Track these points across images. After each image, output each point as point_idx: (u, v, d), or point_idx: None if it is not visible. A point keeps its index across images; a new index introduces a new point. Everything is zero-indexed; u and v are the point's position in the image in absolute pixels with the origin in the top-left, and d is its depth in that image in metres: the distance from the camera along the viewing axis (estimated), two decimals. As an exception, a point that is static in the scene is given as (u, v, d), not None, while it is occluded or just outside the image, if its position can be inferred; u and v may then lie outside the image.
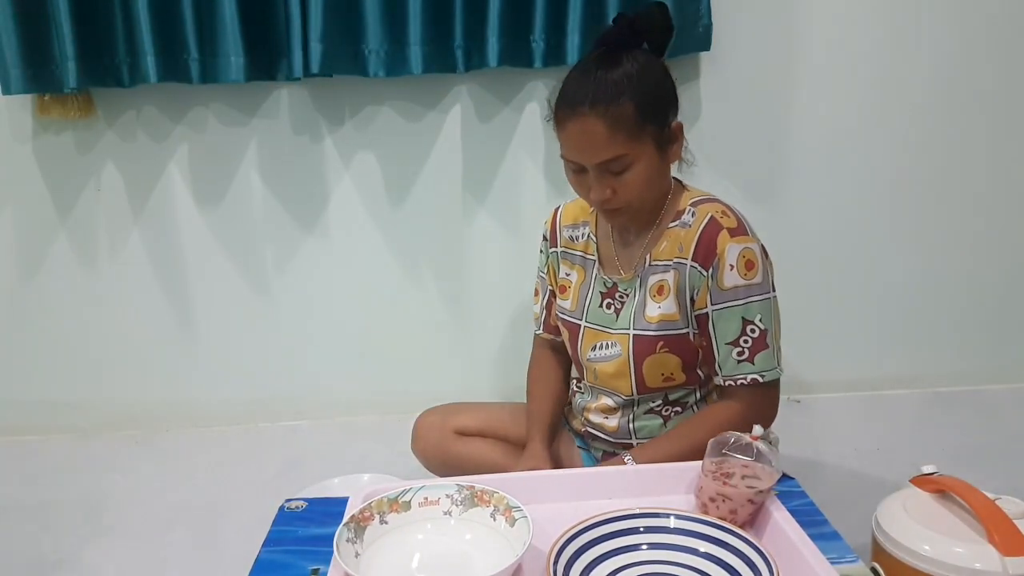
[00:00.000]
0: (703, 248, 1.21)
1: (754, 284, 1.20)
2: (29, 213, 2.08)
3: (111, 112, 2.01)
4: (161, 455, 2.12)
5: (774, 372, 1.23)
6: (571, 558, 0.92)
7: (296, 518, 1.12)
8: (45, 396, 2.21)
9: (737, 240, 1.20)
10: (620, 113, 1.15)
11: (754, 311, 1.21)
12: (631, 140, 1.17)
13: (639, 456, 1.25)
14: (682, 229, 1.24)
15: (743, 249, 1.20)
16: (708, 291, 1.21)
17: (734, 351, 1.22)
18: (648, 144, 1.19)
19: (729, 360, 1.23)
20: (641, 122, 1.16)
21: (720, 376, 1.25)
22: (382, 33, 1.87)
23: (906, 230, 2.17)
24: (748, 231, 1.23)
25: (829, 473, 1.89)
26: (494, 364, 2.22)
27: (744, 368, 1.22)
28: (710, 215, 1.22)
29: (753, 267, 1.20)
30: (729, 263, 1.19)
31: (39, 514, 1.86)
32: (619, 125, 1.15)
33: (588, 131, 1.16)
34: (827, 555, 0.90)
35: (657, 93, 1.20)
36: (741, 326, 1.21)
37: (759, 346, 1.21)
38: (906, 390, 2.25)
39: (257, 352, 2.20)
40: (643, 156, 1.19)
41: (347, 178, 2.08)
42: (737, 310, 1.20)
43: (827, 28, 2.02)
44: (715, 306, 1.21)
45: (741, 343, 1.21)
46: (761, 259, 1.22)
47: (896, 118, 2.09)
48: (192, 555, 1.70)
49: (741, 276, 1.19)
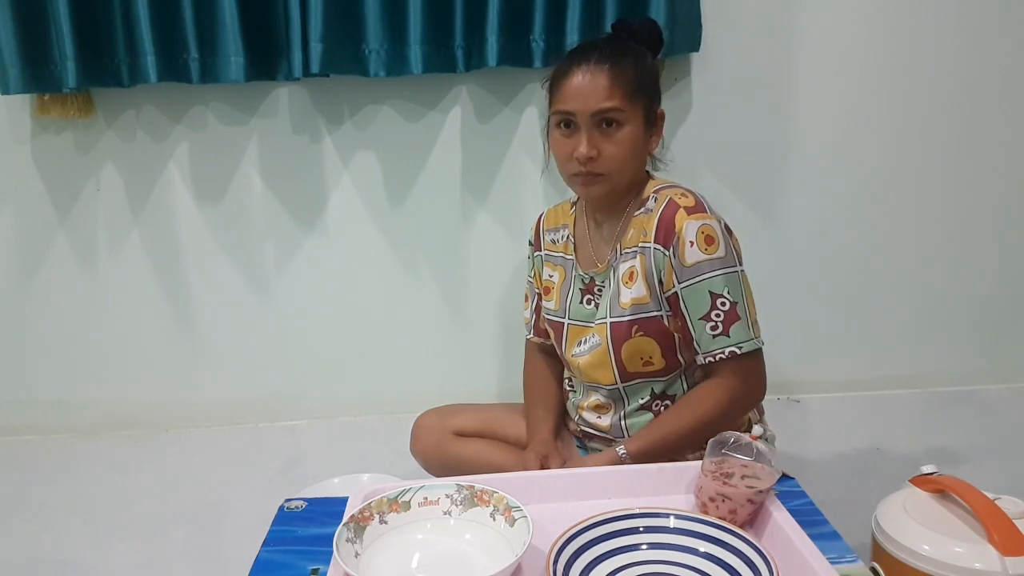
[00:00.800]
0: (663, 229, 1.24)
1: (716, 258, 1.23)
2: (28, 213, 2.08)
3: (111, 112, 2.01)
4: (161, 455, 2.12)
5: (752, 343, 1.25)
6: (571, 558, 0.92)
7: (296, 518, 1.12)
8: (45, 396, 2.21)
9: (695, 217, 1.23)
10: (623, 71, 1.24)
11: (720, 284, 1.23)
12: (628, 99, 1.24)
13: (631, 445, 1.27)
14: (645, 215, 1.28)
15: (701, 225, 1.23)
16: (673, 270, 1.24)
17: (707, 326, 1.24)
18: (639, 113, 1.26)
19: (704, 335, 1.25)
20: (638, 88, 1.25)
21: (700, 354, 1.27)
22: (382, 33, 1.87)
23: (904, 230, 2.17)
24: (706, 209, 1.26)
25: (829, 473, 1.89)
26: (493, 365, 2.23)
27: (720, 342, 1.24)
28: (669, 197, 1.26)
29: (713, 242, 1.23)
30: (688, 240, 1.22)
31: (39, 514, 1.86)
32: (621, 81, 1.23)
33: (591, 80, 1.23)
34: (827, 555, 0.90)
35: (651, 78, 1.30)
36: (710, 300, 1.23)
37: (731, 318, 1.23)
38: (906, 390, 2.26)
39: (256, 352, 2.20)
40: (633, 122, 1.25)
41: (347, 178, 2.08)
42: (703, 284, 1.23)
43: (820, 27, 2.02)
44: (682, 284, 1.24)
45: (713, 317, 1.23)
46: (722, 234, 1.24)
47: (891, 117, 2.09)
48: (192, 555, 1.70)
49: (702, 251, 1.22)
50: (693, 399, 1.28)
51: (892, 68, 2.05)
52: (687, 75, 2.03)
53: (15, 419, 2.22)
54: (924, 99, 2.08)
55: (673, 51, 1.91)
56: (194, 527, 1.79)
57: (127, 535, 1.77)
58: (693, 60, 2.01)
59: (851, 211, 2.15)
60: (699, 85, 2.04)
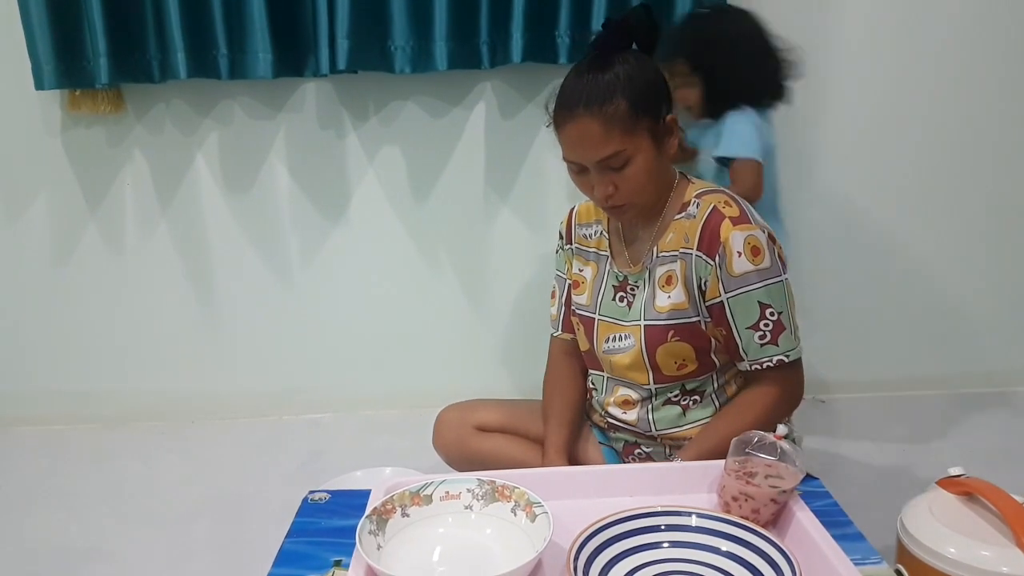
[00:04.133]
0: (707, 237, 1.23)
1: (764, 268, 1.22)
2: (60, 206, 2.12)
3: (140, 107, 2.04)
4: (186, 446, 2.15)
5: (797, 351, 1.27)
6: (592, 554, 0.92)
7: (319, 510, 1.13)
8: (73, 386, 2.25)
9: (740, 228, 1.22)
10: (614, 111, 1.19)
11: (770, 295, 1.23)
12: (627, 135, 1.20)
13: (686, 456, 1.27)
14: (687, 220, 1.27)
15: (747, 236, 1.22)
16: (719, 280, 1.23)
17: (756, 335, 1.24)
18: (644, 138, 1.22)
19: (752, 344, 1.25)
20: (635, 117, 1.20)
21: (746, 361, 1.27)
22: (408, 29, 1.88)
23: (933, 227, 2.14)
24: (751, 219, 1.25)
25: (854, 474, 1.88)
26: (515, 360, 2.23)
27: (769, 350, 1.25)
28: (713, 205, 1.25)
29: (760, 253, 1.22)
30: (736, 250, 1.21)
31: (66, 503, 1.90)
32: (614, 122, 1.19)
33: (584, 131, 1.20)
34: (851, 556, 0.89)
35: (649, 89, 1.23)
36: (759, 310, 1.23)
37: (780, 328, 1.24)
38: (932, 391, 2.23)
39: (281, 345, 2.22)
40: (640, 150, 1.22)
41: (371, 173, 2.09)
42: (753, 294, 1.23)
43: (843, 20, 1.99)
44: (729, 293, 1.23)
45: (761, 326, 1.23)
46: (767, 245, 1.24)
47: (927, 110, 2.05)
48: (217, 545, 1.72)
49: (750, 262, 1.22)
50: (746, 407, 1.28)
51: (918, 63, 2.02)
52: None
53: (45, 409, 2.26)
54: (949, 95, 2.05)
55: None
56: (218, 517, 1.81)
57: (153, 524, 1.79)
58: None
59: (878, 208, 2.12)
60: None
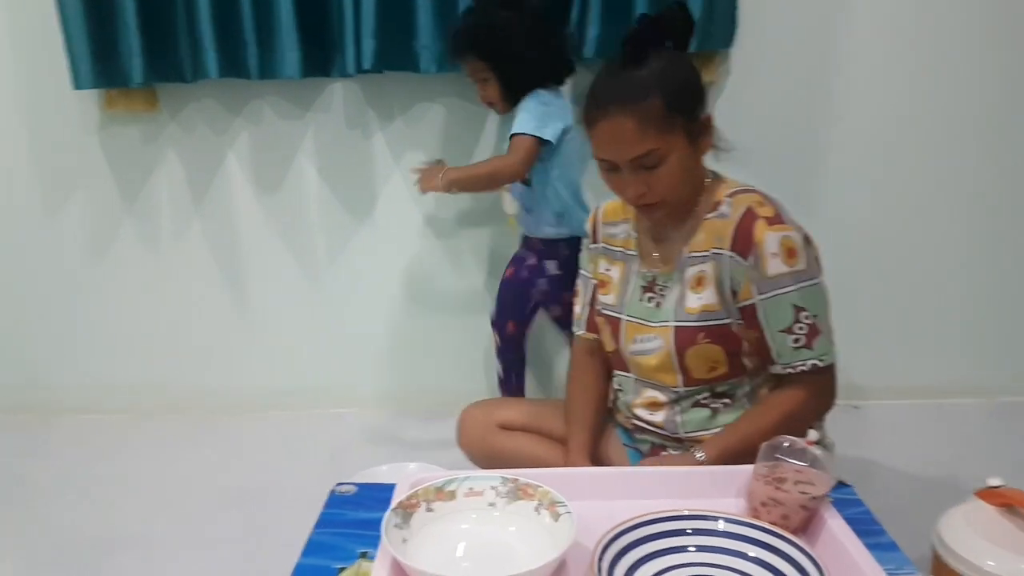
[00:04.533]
0: (740, 238, 1.20)
1: (799, 271, 1.19)
2: (96, 202, 2.16)
3: (174, 105, 2.07)
4: (216, 438, 2.18)
5: (831, 356, 1.23)
6: (616, 556, 0.91)
7: (346, 502, 1.14)
8: (106, 378, 2.29)
9: (775, 229, 1.19)
10: (649, 108, 1.16)
11: (804, 297, 1.20)
12: (661, 134, 1.17)
13: (709, 450, 1.24)
14: (719, 220, 1.24)
15: (782, 237, 1.19)
16: (752, 282, 1.20)
17: (789, 339, 1.21)
18: (679, 136, 1.19)
19: (786, 348, 1.21)
20: (670, 115, 1.17)
21: (779, 365, 1.23)
22: (434, 30, 1.88)
23: (969, 234, 2.09)
24: (786, 220, 1.22)
25: (888, 482, 1.84)
26: (539, 360, 2.22)
27: (803, 354, 1.21)
28: (747, 205, 1.22)
29: (795, 254, 1.19)
30: (771, 251, 1.18)
31: (99, 492, 1.93)
32: (648, 120, 1.16)
33: (618, 129, 1.17)
34: (883, 566, 0.87)
35: (684, 87, 1.21)
36: (794, 313, 1.20)
37: (814, 332, 1.20)
38: (970, 399, 2.18)
39: (309, 341, 2.24)
40: (675, 149, 1.19)
41: (397, 172, 2.10)
42: (787, 297, 1.19)
43: (861, 21, 1.95)
44: (762, 295, 1.20)
45: (796, 330, 1.20)
46: (803, 246, 1.21)
47: (944, 113, 2.01)
48: (245, 534, 1.73)
49: (784, 263, 1.18)
50: (773, 408, 1.25)
51: (940, 62, 1.98)
52: (725, 62, 1.99)
53: (79, 399, 2.30)
54: (976, 92, 2.00)
55: (707, 46, 1.89)
56: (247, 508, 1.83)
57: (180, 515, 1.82)
58: (731, 55, 1.98)
59: (911, 212, 2.08)
60: (733, 81, 2.00)
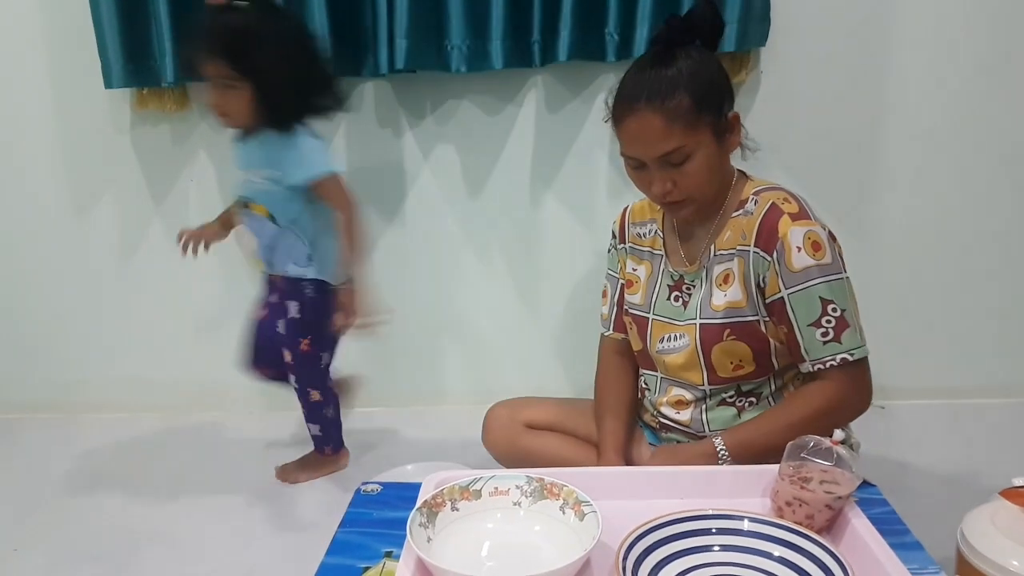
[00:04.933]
0: (765, 233, 1.21)
1: (825, 264, 1.19)
2: (127, 201, 2.19)
3: (205, 105, 2.09)
4: (244, 436, 2.21)
5: (862, 350, 1.22)
6: (641, 555, 0.92)
7: (371, 501, 1.15)
8: (138, 375, 2.33)
9: (800, 224, 1.19)
10: (676, 106, 1.17)
11: (832, 290, 1.20)
12: (688, 131, 1.18)
13: (729, 437, 1.24)
14: (745, 217, 1.25)
15: (807, 231, 1.19)
16: (778, 276, 1.20)
17: (818, 332, 1.20)
18: (706, 134, 1.20)
19: (815, 342, 1.21)
20: (697, 113, 1.18)
21: (808, 361, 1.23)
22: (465, 29, 1.89)
23: (997, 234, 2.07)
24: (811, 215, 1.22)
25: (913, 482, 1.82)
26: (566, 359, 2.23)
27: (832, 348, 1.20)
28: (771, 202, 1.22)
29: (820, 248, 1.19)
30: (796, 245, 1.18)
31: (128, 488, 1.96)
32: (676, 117, 1.17)
33: (646, 125, 1.18)
34: (908, 565, 0.87)
35: (712, 85, 1.21)
36: (821, 306, 1.20)
37: (843, 325, 1.20)
38: (998, 399, 2.15)
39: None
40: (701, 146, 1.20)
41: (427, 171, 2.12)
42: (814, 290, 1.19)
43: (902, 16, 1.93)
44: (789, 289, 1.20)
45: (824, 323, 1.20)
46: (828, 241, 1.21)
47: (990, 115, 1.98)
48: (272, 532, 1.76)
49: (810, 257, 1.18)
50: (802, 401, 1.24)
51: (990, 59, 1.95)
52: (756, 66, 1.98)
53: (109, 396, 2.34)
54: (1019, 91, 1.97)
55: (745, 45, 1.88)
56: (274, 505, 1.85)
57: (211, 510, 1.84)
58: (762, 53, 1.96)
59: (939, 212, 2.06)
60: (768, 80, 1.99)
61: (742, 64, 1.94)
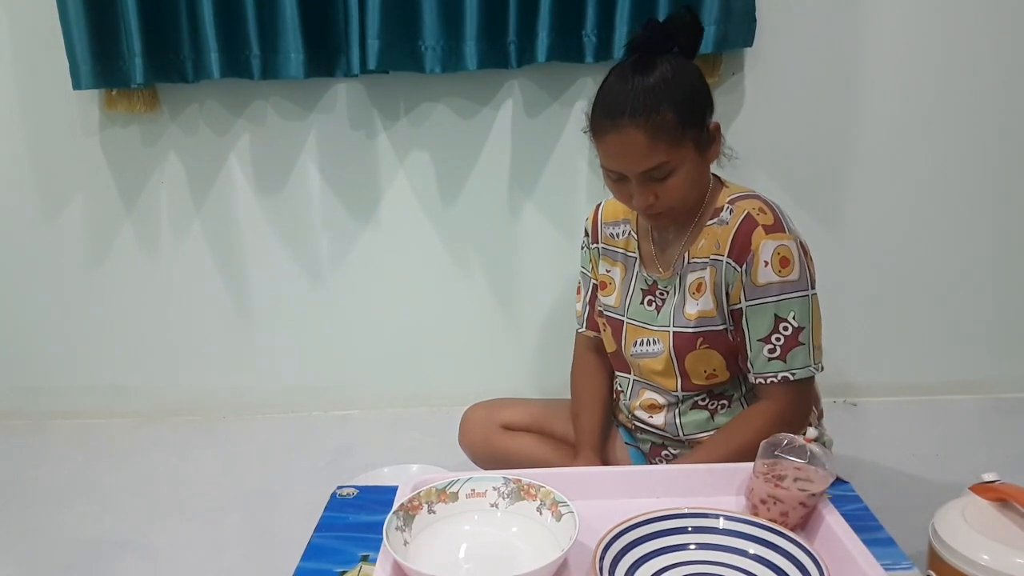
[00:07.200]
0: (738, 245, 1.20)
1: (789, 281, 1.19)
2: (96, 203, 2.16)
3: (175, 106, 2.07)
4: (218, 441, 2.18)
5: (806, 371, 1.22)
6: (618, 555, 0.92)
7: (347, 505, 1.14)
8: (108, 382, 2.29)
9: (773, 237, 1.19)
10: (660, 122, 1.15)
11: (788, 308, 1.20)
12: (672, 147, 1.16)
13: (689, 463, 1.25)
14: (719, 227, 1.24)
15: (778, 246, 1.19)
16: (742, 286, 1.21)
17: (765, 348, 1.21)
18: (688, 148, 1.18)
19: (760, 357, 1.22)
20: (682, 128, 1.16)
21: (752, 373, 1.24)
22: (439, 29, 1.88)
23: (966, 232, 2.10)
24: (785, 228, 1.21)
25: (885, 478, 1.85)
26: (541, 359, 2.23)
27: (775, 366, 1.21)
28: (747, 212, 1.21)
29: (788, 264, 1.19)
30: (764, 259, 1.18)
31: (101, 495, 1.93)
32: (660, 134, 1.15)
33: (629, 142, 1.16)
34: (881, 561, 0.88)
35: (694, 97, 1.19)
36: (773, 323, 1.20)
37: (791, 344, 1.20)
38: (967, 395, 2.19)
39: (311, 343, 2.24)
40: (684, 161, 1.18)
41: (401, 173, 2.11)
42: (770, 307, 1.20)
43: (884, 18, 1.95)
44: (748, 302, 1.21)
45: (772, 340, 1.21)
46: (798, 256, 1.20)
47: (958, 115, 2.01)
48: (247, 538, 1.74)
49: (776, 273, 1.19)
50: (746, 424, 1.25)
51: (964, 61, 1.98)
52: (740, 70, 1.99)
53: (80, 403, 2.30)
54: (997, 94, 2.00)
55: (726, 46, 1.88)
56: (249, 511, 1.84)
57: (185, 517, 1.82)
58: (747, 55, 1.97)
59: (913, 211, 2.09)
60: (752, 81, 2.00)
61: (714, 66, 1.95)
